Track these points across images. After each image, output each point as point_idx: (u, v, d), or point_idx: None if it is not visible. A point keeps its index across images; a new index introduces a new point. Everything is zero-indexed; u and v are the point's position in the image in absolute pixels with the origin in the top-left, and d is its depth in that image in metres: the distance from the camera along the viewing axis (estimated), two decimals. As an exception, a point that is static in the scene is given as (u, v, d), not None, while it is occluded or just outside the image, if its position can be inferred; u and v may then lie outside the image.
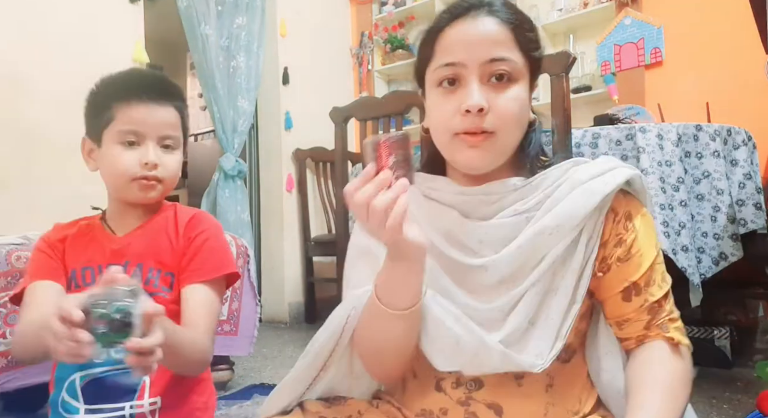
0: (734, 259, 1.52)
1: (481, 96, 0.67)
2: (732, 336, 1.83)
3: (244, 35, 2.93)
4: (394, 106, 1.59)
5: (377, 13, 3.80)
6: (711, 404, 1.49)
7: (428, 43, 0.72)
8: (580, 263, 0.68)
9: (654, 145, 1.48)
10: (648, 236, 0.71)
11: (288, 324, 3.13)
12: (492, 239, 0.71)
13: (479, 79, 0.68)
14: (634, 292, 0.69)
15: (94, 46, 2.24)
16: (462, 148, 0.70)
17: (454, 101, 0.69)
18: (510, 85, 0.69)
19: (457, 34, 0.69)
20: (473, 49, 0.68)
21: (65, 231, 0.91)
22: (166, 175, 0.87)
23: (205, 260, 0.89)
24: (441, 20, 0.72)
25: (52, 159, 2.02)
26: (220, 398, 1.66)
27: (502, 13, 0.69)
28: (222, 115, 2.85)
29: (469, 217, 0.73)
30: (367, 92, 3.75)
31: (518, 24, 0.70)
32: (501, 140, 0.69)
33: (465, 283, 0.71)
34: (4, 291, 1.19)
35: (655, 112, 2.17)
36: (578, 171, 0.71)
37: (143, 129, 0.85)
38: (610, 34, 2.95)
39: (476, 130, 0.67)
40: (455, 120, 0.68)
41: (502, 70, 0.68)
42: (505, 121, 0.68)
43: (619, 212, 0.71)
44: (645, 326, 0.69)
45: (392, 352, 0.71)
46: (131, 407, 0.79)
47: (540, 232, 0.68)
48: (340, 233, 1.75)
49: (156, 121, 0.86)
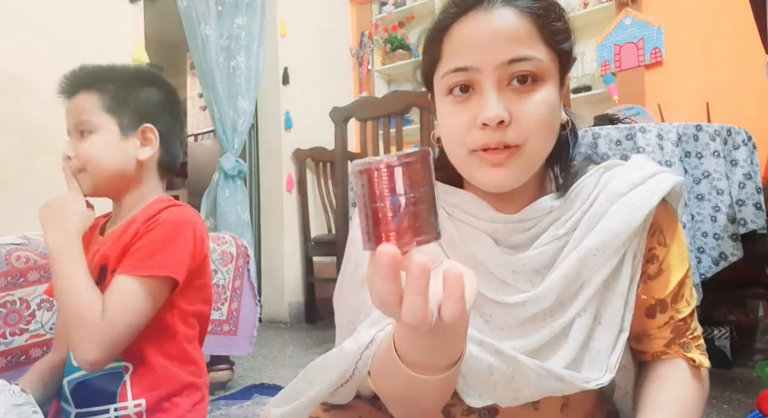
0: (734, 259, 1.52)
1: (500, 106, 0.55)
2: (732, 336, 1.82)
3: (244, 35, 2.93)
4: (394, 106, 1.59)
5: (377, 13, 3.80)
6: (711, 404, 1.49)
7: (435, 42, 0.61)
8: (627, 286, 0.61)
9: (654, 145, 1.48)
10: (679, 251, 0.64)
11: (288, 324, 3.13)
12: (528, 270, 0.62)
13: (497, 84, 0.57)
14: (659, 308, 0.63)
15: (94, 46, 2.24)
16: (482, 167, 0.59)
17: (468, 112, 0.58)
18: (536, 87, 0.57)
19: (467, 31, 0.58)
20: (487, 49, 0.56)
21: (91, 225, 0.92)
22: (86, 164, 0.87)
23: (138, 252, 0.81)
24: (448, 15, 0.59)
25: (52, 159, 2.01)
26: (220, 398, 1.66)
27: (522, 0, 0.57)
28: (222, 115, 2.85)
29: (500, 244, 0.63)
30: (367, 92, 3.75)
31: (543, 12, 0.57)
32: (529, 154, 0.58)
33: (491, 319, 0.62)
34: (5, 291, 1.19)
35: (655, 112, 2.17)
36: (614, 180, 0.62)
37: (67, 126, 0.89)
38: (610, 34, 2.95)
39: (498, 146, 0.57)
40: (472, 134, 0.58)
41: (524, 71, 0.56)
42: (533, 131, 0.57)
43: (654, 224, 0.63)
44: (666, 344, 0.63)
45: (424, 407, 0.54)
46: (116, 410, 0.79)
47: (584, 255, 0.59)
48: (340, 233, 1.76)
49: (70, 115, 0.89)
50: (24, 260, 1.24)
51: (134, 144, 0.88)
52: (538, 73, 0.57)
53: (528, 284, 0.62)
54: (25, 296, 1.21)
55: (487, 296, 0.62)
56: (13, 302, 1.20)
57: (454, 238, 0.65)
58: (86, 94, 0.87)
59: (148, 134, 0.89)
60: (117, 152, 0.87)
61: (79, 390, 0.81)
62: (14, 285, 1.21)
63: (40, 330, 1.23)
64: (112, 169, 0.86)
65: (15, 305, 1.21)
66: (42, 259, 1.25)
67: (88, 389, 0.80)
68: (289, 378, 0.69)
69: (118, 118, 0.87)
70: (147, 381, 0.82)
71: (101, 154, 0.86)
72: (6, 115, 2.00)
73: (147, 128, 0.89)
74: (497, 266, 0.62)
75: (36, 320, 1.24)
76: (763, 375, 1.41)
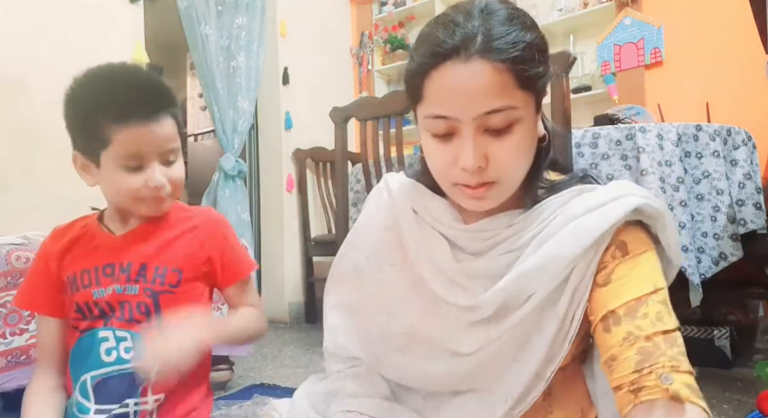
0: (734, 259, 1.52)
1: (477, 154, 0.60)
2: (732, 336, 1.83)
3: (244, 35, 2.93)
4: (394, 106, 1.59)
5: (377, 13, 3.80)
6: (711, 404, 1.49)
7: (416, 84, 0.64)
8: (565, 308, 0.62)
9: (654, 145, 1.48)
10: (642, 271, 0.60)
11: (288, 324, 3.13)
12: (482, 276, 0.67)
13: (475, 132, 0.61)
14: (612, 320, 0.58)
15: (94, 46, 2.24)
16: (464, 197, 0.65)
17: (449, 153, 0.63)
18: (512, 130, 0.61)
19: (446, 82, 0.60)
20: (465, 103, 0.59)
21: (63, 237, 0.89)
22: (175, 187, 0.86)
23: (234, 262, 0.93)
24: (426, 61, 0.61)
25: (52, 159, 2.02)
26: (220, 398, 1.66)
27: (497, 51, 0.58)
28: (222, 115, 2.85)
29: (462, 249, 0.70)
30: (367, 92, 3.75)
31: (521, 60, 0.59)
32: (505, 186, 0.64)
33: (440, 320, 0.69)
34: (4, 291, 1.19)
35: (655, 112, 2.17)
36: (575, 202, 0.64)
37: (145, 151, 0.80)
38: (610, 34, 2.95)
39: (476, 185, 0.63)
40: (453, 172, 0.63)
41: (500, 122, 0.60)
42: (508, 170, 0.63)
43: (615, 242, 0.62)
44: (636, 369, 0.55)
45: None
46: (136, 405, 0.80)
47: (523, 274, 0.63)
48: (340, 233, 1.75)
49: (157, 141, 0.80)
50: (24, 260, 1.24)
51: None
52: (514, 118, 0.61)
53: (482, 290, 0.66)
54: (25, 296, 1.21)
55: (443, 297, 0.68)
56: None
57: (418, 240, 0.72)
58: (170, 118, 0.83)
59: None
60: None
61: (102, 386, 0.81)
62: (14, 285, 1.21)
63: (40, 330, 1.23)
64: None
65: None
66: (42, 259, 1.25)
67: (112, 384, 0.81)
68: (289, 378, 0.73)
69: (182, 140, 0.89)
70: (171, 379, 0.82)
71: (184, 176, 0.88)
72: (6, 115, 2.00)
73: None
74: (453, 270, 0.68)
75: (36, 320, 1.24)
76: (763, 375, 1.41)
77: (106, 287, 0.83)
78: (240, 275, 0.93)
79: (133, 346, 0.82)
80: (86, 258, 0.86)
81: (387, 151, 1.67)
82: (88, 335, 0.83)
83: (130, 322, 0.82)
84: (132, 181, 0.80)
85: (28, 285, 0.90)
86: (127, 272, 0.84)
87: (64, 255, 0.88)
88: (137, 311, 0.83)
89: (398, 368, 0.74)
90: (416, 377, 0.72)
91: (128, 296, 0.83)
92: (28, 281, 0.91)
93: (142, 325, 0.83)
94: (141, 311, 0.83)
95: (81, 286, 0.85)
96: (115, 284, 0.83)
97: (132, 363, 0.79)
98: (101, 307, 0.83)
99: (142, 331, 0.82)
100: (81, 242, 0.88)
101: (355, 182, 2.06)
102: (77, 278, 0.85)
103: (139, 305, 0.83)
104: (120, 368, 0.81)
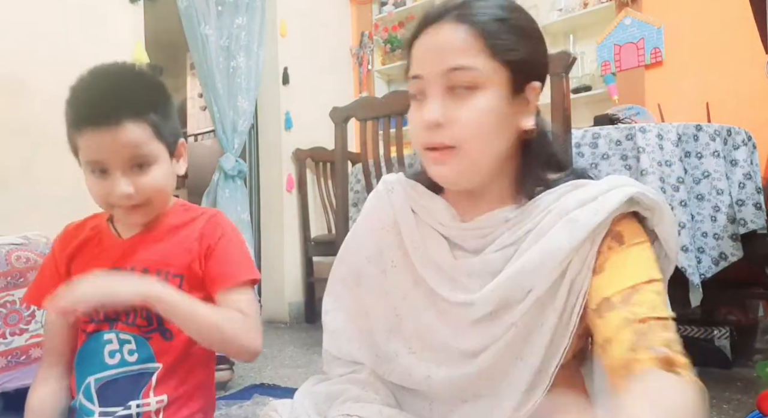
0: (734, 259, 1.52)
1: (437, 109, 0.63)
2: (732, 336, 1.83)
3: (244, 35, 2.93)
4: (394, 106, 1.59)
5: (377, 13, 3.80)
6: (711, 404, 1.49)
7: (406, 53, 0.70)
8: (563, 302, 0.62)
9: (654, 145, 1.48)
10: (636, 261, 0.61)
11: (288, 324, 3.13)
12: (481, 273, 0.67)
13: (441, 91, 0.64)
14: (606, 307, 0.59)
15: (95, 46, 2.24)
16: (430, 164, 0.67)
17: (420, 114, 0.66)
18: (474, 93, 0.63)
19: (422, 43, 0.67)
20: (431, 60, 0.65)
21: (73, 239, 0.89)
22: (149, 195, 0.81)
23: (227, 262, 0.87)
24: (412, 31, 0.69)
25: (52, 159, 2.02)
26: (220, 398, 1.66)
27: (471, 16, 0.64)
28: (222, 115, 2.85)
29: (461, 249, 0.71)
30: (367, 92, 3.75)
31: (494, 26, 0.64)
32: (466, 154, 0.64)
33: (448, 318, 0.69)
34: (5, 291, 1.20)
35: (655, 112, 2.17)
36: (569, 196, 0.65)
37: (105, 158, 0.76)
38: (610, 34, 2.95)
39: (437, 146, 0.65)
40: (422, 134, 0.66)
41: (461, 79, 0.63)
42: (467, 133, 0.63)
43: (611, 233, 0.62)
44: (630, 347, 0.55)
45: None
46: (138, 406, 0.80)
47: (520, 270, 0.63)
48: (340, 233, 1.75)
49: (117, 147, 0.76)
50: (24, 260, 1.24)
51: (174, 161, 0.87)
52: (476, 81, 0.63)
53: (481, 288, 0.66)
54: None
55: (443, 295, 0.69)
56: (13, 302, 1.20)
57: (417, 240, 0.73)
58: (135, 124, 0.77)
59: (181, 149, 0.89)
60: (171, 176, 0.85)
61: (105, 389, 0.81)
62: (14, 285, 1.21)
63: (40, 330, 1.23)
64: (170, 193, 0.86)
65: (15, 305, 1.21)
66: (42, 259, 1.25)
67: (115, 387, 0.81)
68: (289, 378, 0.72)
69: (166, 143, 0.83)
70: (172, 379, 0.83)
71: (165, 183, 0.83)
72: (6, 116, 2.00)
73: (181, 144, 0.89)
74: (452, 268, 0.69)
75: (36, 320, 1.24)
76: (763, 375, 1.42)
77: None
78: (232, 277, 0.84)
79: (136, 349, 0.81)
80: (94, 261, 0.86)
81: (387, 151, 1.67)
82: (93, 338, 0.83)
83: (132, 326, 0.82)
84: (98, 186, 0.79)
85: (38, 282, 0.90)
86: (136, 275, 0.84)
87: (74, 258, 0.88)
88: (140, 317, 0.82)
89: (405, 370, 0.72)
90: (422, 380, 0.71)
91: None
92: (39, 278, 0.91)
93: (143, 329, 0.82)
94: (143, 317, 0.82)
95: None
96: None
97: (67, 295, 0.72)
98: (106, 311, 0.82)
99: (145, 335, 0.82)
100: (90, 245, 0.88)
101: (355, 182, 2.06)
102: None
103: (142, 311, 0.82)
104: (123, 370, 0.81)
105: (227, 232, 0.88)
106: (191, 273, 0.85)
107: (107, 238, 0.88)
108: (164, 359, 0.82)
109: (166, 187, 0.84)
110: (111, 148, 0.76)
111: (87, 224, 0.91)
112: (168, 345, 0.83)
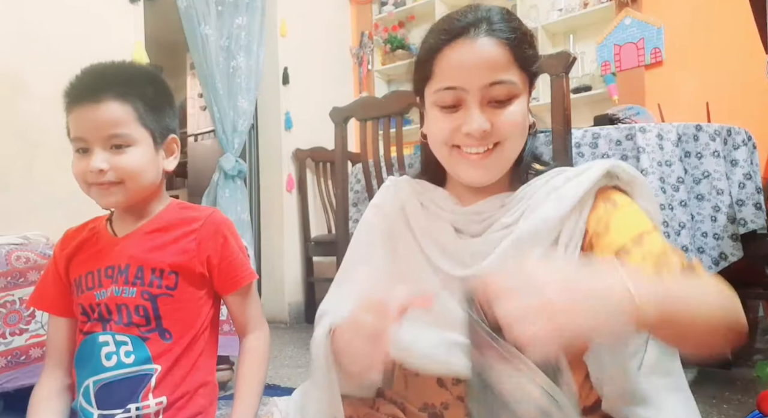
0: (734, 259, 1.52)
1: (482, 119, 0.68)
2: (732, 336, 1.82)
3: (244, 35, 2.93)
4: (394, 106, 1.59)
5: (377, 13, 3.80)
6: (711, 404, 1.49)
7: (427, 62, 0.73)
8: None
9: (654, 145, 1.48)
10: (636, 215, 0.68)
11: (288, 324, 3.13)
12: (483, 253, 0.72)
13: (480, 101, 0.69)
14: (622, 255, 0.64)
15: (95, 46, 2.24)
16: (462, 164, 0.72)
17: (454, 122, 0.70)
18: (511, 102, 0.70)
19: (456, 56, 0.69)
20: (473, 73, 0.69)
21: (71, 241, 0.90)
22: (124, 176, 0.81)
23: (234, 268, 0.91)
24: (440, 40, 0.71)
25: (52, 159, 2.02)
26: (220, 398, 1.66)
27: (501, 31, 0.69)
28: (222, 115, 2.85)
29: (462, 232, 0.77)
30: (367, 92, 3.75)
31: (518, 42, 0.70)
32: (507, 149, 0.72)
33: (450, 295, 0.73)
34: (5, 291, 1.20)
35: (655, 112, 2.17)
36: (556, 177, 0.72)
37: (85, 135, 0.80)
38: (610, 34, 2.95)
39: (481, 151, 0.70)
40: (456, 136, 0.71)
41: (501, 92, 0.69)
42: (509, 133, 0.71)
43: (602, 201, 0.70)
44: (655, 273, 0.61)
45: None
46: (137, 409, 0.79)
47: (518, 239, 0.69)
48: (340, 233, 1.75)
49: (97, 124, 0.80)
50: (24, 260, 1.24)
51: (161, 155, 0.88)
52: (512, 93, 0.70)
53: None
54: (25, 296, 1.21)
55: (449, 272, 0.74)
56: (13, 302, 1.20)
57: (423, 224, 0.79)
58: (118, 104, 0.81)
59: (172, 145, 0.90)
60: (153, 165, 0.86)
61: (104, 391, 0.81)
62: (14, 285, 1.21)
63: (39, 330, 1.23)
64: (148, 181, 0.86)
65: (15, 305, 1.21)
66: (42, 259, 1.25)
67: (114, 389, 0.80)
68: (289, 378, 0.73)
69: (151, 132, 0.85)
70: (171, 381, 0.83)
71: (141, 167, 0.84)
72: (6, 115, 2.00)
73: (172, 139, 0.90)
74: (456, 249, 0.75)
75: (36, 320, 1.24)
76: (763, 375, 1.42)
77: (106, 288, 0.83)
78: (240, 283, 0.90)
79: (133, 350, 0.81)
80: (91, 260, 0.87)
81: (387, 151, 1.67)
82: (89, 340, 0.83)
83: (128, 326, 0.82)
84: (78, 165, 0.82)
85: (41, 286, 0.92)
86: (125, 273, 0.84)
87: (72, 259, 0.88)
88: (136, 315, 0.82)
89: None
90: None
91: (126, 298, 0.82)
92: (42, 282, 0.93)
93: (141, 329, 0.82)
94: (140, 315, 0.82)
95: (85, 288, 0.85)
96: (114, 286, 0.83)
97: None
98: (100, 309, 0.83)
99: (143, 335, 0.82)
100: (88, 245, 0.89)
101: (355, 182, 2.06)
102: (83, 280, 0.86)
103: (138, 309, 0.82)
104: (121, 372, 0.81)
105: (227, 237, 0.90)
106: (187, 270, 0.86)
107: (104, 237, 0.89)
108: (163, 361, 0.82)
109: (143, 172, 0.84)
110: (92, 123, 0.80)
111: (85, 227, 0.92)
112: (167, 346, 0.83)
